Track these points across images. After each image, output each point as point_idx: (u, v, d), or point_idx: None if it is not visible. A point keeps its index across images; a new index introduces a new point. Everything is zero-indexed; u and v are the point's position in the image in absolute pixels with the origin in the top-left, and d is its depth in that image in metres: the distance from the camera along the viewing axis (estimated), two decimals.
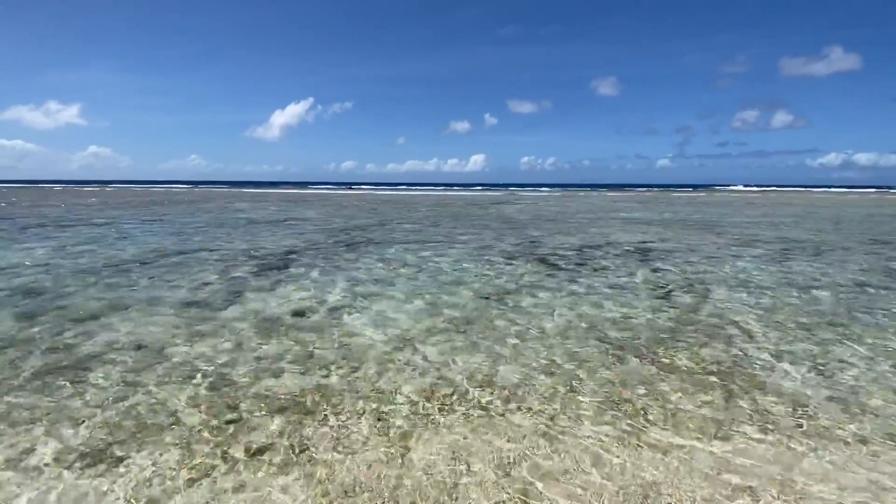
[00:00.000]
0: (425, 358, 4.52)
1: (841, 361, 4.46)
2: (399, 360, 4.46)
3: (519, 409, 3.56)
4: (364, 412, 3.50)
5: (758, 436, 3.20)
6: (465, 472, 2.80)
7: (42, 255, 9.80)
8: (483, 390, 3.86)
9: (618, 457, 2.95)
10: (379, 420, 3.39)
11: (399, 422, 3.37)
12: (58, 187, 70.31)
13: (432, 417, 3.43)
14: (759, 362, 4.43)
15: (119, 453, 2.96)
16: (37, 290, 6.93)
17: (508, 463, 2.89)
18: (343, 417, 3.42)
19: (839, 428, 3.31)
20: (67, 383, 3.91)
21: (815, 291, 7.10)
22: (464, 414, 3.48)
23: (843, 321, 5.66)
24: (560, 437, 3.18)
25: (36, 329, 5.21)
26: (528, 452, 3.00)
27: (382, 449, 3.03)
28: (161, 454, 2.96)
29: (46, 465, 2.85)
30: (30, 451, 2.98)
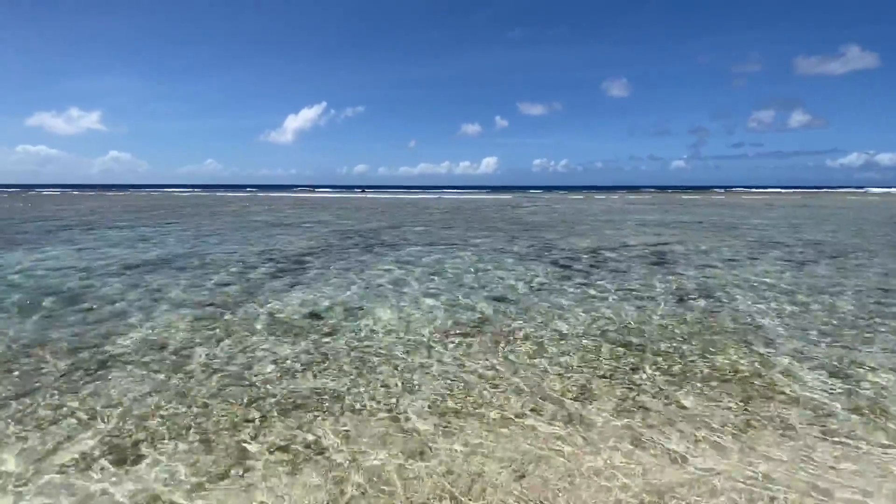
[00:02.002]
0: (440, 360, 4.54)
1: (863, 367, 4.36)
2: (413, 362, 4.48)
3: (534, 413, 3.55)
4: (379, 412, 3.52)
5: (778, 443, 3.15)
6: (481, 475, 2.80)
7: (66, 257, 10.04)
8: (498, 393, 3.86)
9: (635, 463, 2.93)
10: (394, 421, 3.41)
11: (415, 423, 3.38)
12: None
13: (448, 419, 3.44)
14: (779, 368, 4.36)
15: (141, 451, 3.03)
16: (62, 290, 7.10)
17: (524, 468, 2.88)
18: (359, 417, 3.45)
19: (862, 436, 3.24)
20: (92, 382, 4.01)
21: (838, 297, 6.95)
22: (479, 417, 3.48)
23: (867, 327, 5.54)
24: (575, 443, 3.17)
25: (61, 329, 5.35)
26: (544, 457, 2.99)
27: (398, 449, 3.05)
28: (182, 452, 3.01)
29: (71, 463, 2.92)
30: (55, 448, 3.06)
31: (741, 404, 3.66)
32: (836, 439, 3.19)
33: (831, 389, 3.92)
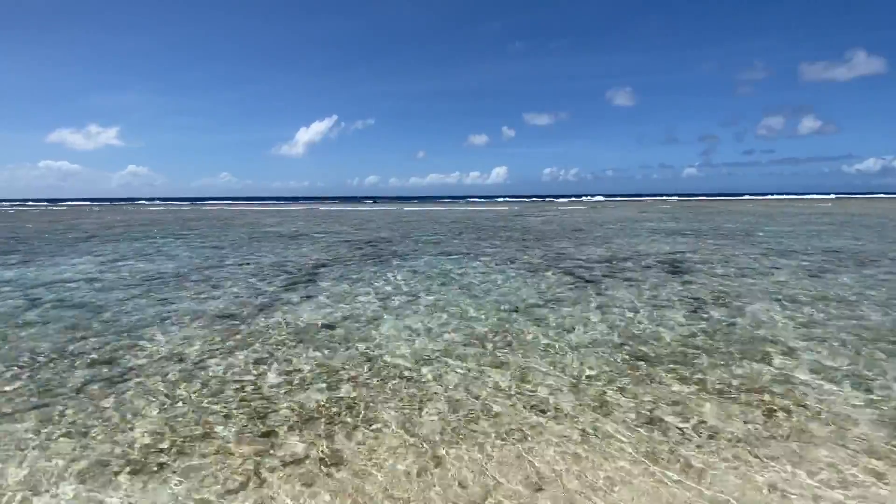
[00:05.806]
0: (453, 371, 4.52)
1: (888, 378, 4.25)
2: (426, 373, 4.46)
3: (550, 425, 3.51)
4: (392, 425, 3.51)
5: (797, 459, 3.07)
6: (496, 488, 2.78)
7: (85, 268, 10.23)
8: (513, 404, 3.83)
9: (653, 477, 2.88)
10: (408, 433, 3.39)
11: (427, 435, 3.36)
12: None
13: (459, 432, 3.42)
14: (799, 381, 4.27)
15: (160, 461, 3.05)
16: (80, 302, 7.23)
17: (538, 482, 2.85)
18: (372, 430, 3.44)
19: (886, 451, 3.15)
20: (110, 394, 4.06)
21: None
22: (494, 429, 3.45)
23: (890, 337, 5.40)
24: (589, 457, 3.12)
25: (79, 341, 5.44)
26: (556, 472, 2.95)
27: (411, 462, 3.03)
28: (199, 466, 3.03)
29: (87, 475, 2.96)
30: (74, 459, 3.10)
31: (761, 417, 3.59)
32: (860, 452, 3.10)
33: (855, 402, 3.82)
